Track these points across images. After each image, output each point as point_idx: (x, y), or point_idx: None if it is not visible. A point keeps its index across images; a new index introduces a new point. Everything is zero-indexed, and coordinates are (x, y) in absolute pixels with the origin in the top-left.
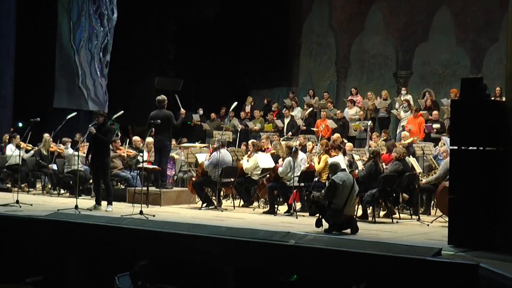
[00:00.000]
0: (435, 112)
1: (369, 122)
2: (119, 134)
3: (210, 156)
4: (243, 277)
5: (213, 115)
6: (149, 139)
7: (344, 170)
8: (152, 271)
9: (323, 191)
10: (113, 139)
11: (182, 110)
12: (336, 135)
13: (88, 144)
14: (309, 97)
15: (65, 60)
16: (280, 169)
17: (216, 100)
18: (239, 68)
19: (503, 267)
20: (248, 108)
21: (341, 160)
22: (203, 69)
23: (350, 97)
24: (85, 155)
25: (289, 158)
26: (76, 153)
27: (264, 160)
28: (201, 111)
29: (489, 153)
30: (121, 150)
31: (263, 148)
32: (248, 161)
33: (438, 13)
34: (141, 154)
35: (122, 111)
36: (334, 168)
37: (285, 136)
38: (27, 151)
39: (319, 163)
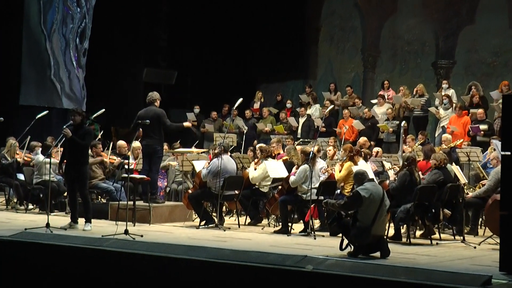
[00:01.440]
0: (482, 110)
1: (403, 123)
2: (99, 137)
3: (209, 163)
4: None
5: (214, 114)
6: (136, 143)
7: (372, 180)
8: None
9: (341, 200)
10: (92, 143)
11: (187, 124)
12: (363, 138)
13: (62, 149)
14: (330, 92)
15: (33, 47)
16: (292, 178)
17: (216, 96)
18: (245, 57)
19: None
20: (256, 106)
21: (367, 168)
22: (201, 59)
23: (381, 92)
24: (58, 162)
25: (305, 166)
26: (47, 160)
27: (275, 169)
28: (197, 109)
29: None
30: (102, 157)
31: (273, 154)
32: (255, 169)
33: None
34: (127, 161)
35: (104, 110)
36: (360, 177)
37: (301, 140)
38: None
39: (340, 171)
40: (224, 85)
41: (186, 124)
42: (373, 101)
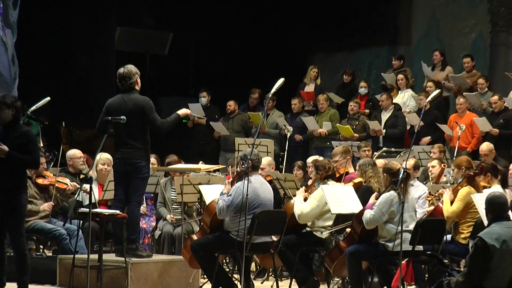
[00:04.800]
0: None
1: None
2: (41, 144)
3: (229, 189)
4: None
5: (231, 104)
6: (104, 156)
7: (508, 218)
8: None
9: (463, 267)
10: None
11: (184, 111)
12: (488, 145)
13: None
14: (433, 68)
15: None
16: (369, 215)
17: (237, 76)
18: (286, 10)
19: None
20: (308, 89)
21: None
22: (211, 14)
23: None
24: None
25: (391, 194)
26: None
27: (339, 199)
28: (204, 98)
29: None
30: (47, 179)
31: (336, 174)
32: (306, 200)
33: None
34: (87, 186)
35: (49, 98)
36: (495, 209)
37: (384, 149)
38: None
39: (452, 202)
40: (249, 57)
41: (182, 111)
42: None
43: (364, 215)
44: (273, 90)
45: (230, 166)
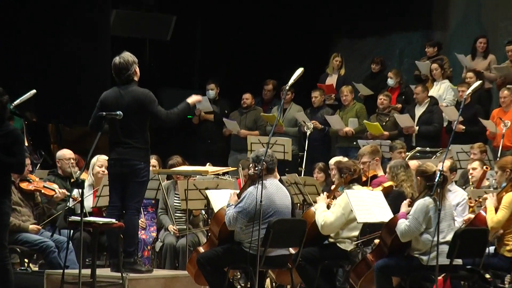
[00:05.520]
0: None
1: None
2: (25, 142)
3: (235, 200)
4: None
5: (248, 98)
6: (102, 158)
7: None
8: None
9: (507, 283)
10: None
11: (195, 98)
12: None
13: None
14: (473, 56)
15: None
16: (403, 225)
17: (249, 65)
18: None
19: None
20: (330, 80)
21: None
22: None
23: None
24: None
25: (426, 201)
26: None
27: (366, 206)
28: (212, 90)
29: None
30: (32, 184)
31: (362, 177)
32: (329, 207)
33: None
34: (77, 193)
35: (34, 91)
36: None
37: (418, 149)
38: None
39: (497, 209)
40: (263, 43)
41: (192, 99)
42: None
43: (398, 226)
44: (291, 81)
45: (241, 169)
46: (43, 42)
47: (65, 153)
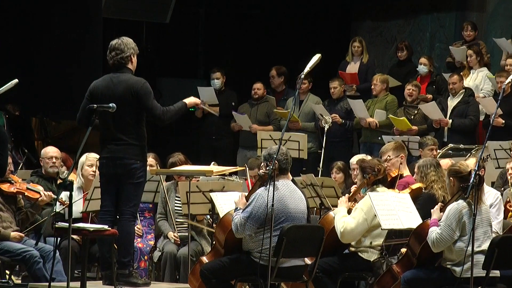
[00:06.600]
0: None
1: None
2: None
3: (244, 203)
4: None
5: (260, 87)
6: (92, 156)
7: None
8: None
9: None
10: None
11: (192, 100)
12: None
13: None
14: None
15: None
16: (434, 234)
17: (259, 52)
18: None
19: None
20: (351, 69)
21: None
22: None
23: None
24: None
25: (459, 205)
26: None
27: (391, 210)
28: (218, 80)
29: None
30: (14, 185)
31: (388, 178)
32: (350, 212)
33: None
34: (64, 196)
35: (16, 80)
36: None
37: (451, 146)
38: None
39: None
40: (275, 27)
41: (190, 100)
42: None
43: (429, 235)
44: (307, 69)
45: (247, 168)
46: (26, 25)
47: (48, 151)
